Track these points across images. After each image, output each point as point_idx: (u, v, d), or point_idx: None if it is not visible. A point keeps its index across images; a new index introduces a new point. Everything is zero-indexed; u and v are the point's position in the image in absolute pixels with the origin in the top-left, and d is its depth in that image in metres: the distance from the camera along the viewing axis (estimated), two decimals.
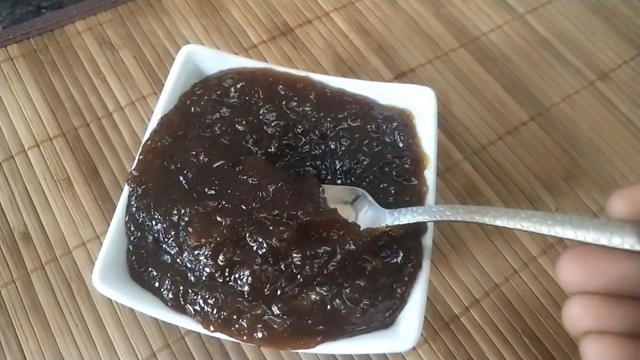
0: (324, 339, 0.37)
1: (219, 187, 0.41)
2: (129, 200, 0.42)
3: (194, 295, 0.38)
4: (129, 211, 0.41)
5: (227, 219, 0.39)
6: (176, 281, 0.39)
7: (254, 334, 0.37)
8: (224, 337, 0.38)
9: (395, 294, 0.39)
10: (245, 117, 0.46)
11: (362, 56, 0.62)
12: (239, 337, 0.37)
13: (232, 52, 0.60)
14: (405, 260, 0.40)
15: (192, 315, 0.38)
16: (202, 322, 0.38)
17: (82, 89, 0.58)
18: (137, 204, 0.41)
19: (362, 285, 0.38)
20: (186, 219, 0.39)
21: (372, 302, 0.38)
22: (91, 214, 0.51)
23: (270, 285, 0.37)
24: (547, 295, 0.49)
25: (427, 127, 0.46)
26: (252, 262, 0.37)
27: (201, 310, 0.38)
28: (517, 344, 0.47)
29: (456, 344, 0.47)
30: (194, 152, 0.43)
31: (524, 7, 0.67)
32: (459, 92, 0.61)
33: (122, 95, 0.58)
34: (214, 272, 0.38)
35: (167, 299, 0.39)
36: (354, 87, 0.48)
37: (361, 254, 0.39)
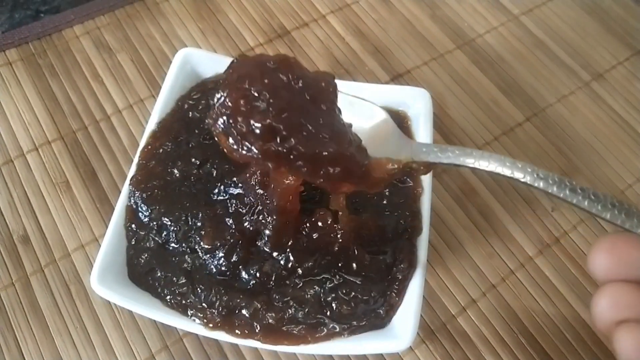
0: (319, 333, 0.38)
1: (224, 192, 0.42)
2: (132, 203, 0.42)
3: (199, 293, 0.39)
4: (130, 214, 0.42)
5: (236, 222, 0.40)
6: (181, 281, 0.40)
7: (254, 326, 0.38)
8: (222, 339, 0.39)
9: (389, 292, 0.39)
10: None
11: (358, 58, 0.63)
12: (240, 334, 0.38)
13: (229, 55, 0.61)
14: (398, 258, 0.40)
15: (194, 313, 0.39)
16: (204, 320, 0.38)
17: (80, 92, 0.58)
18: (144, 207, 0.42)
19: (353, 280, 0.39)
20: (198, 224, 0.41)
21: (363, 297, 0.38)
22: (90, 217, 0.51)
23: (273, 279, 0.39)
24: (543, 295, 0.50)
25: (423, 129, 0.46)
26: (259, 259, 0.40)
27: (203, 308, 0.39)
28: (514, 344, 0.47)
29: (453, 344, 0.47)
30: (198, 162, 0.44)
31: (519, 9, 0.68)
32: (455, 94, 0.61)
33: (120, 98, 0.58)
34: (226, 270, 0.39)
35: (169, 298, 0.39)
36: (350, 89, 0.48)
37: (352, 248, 0.39)
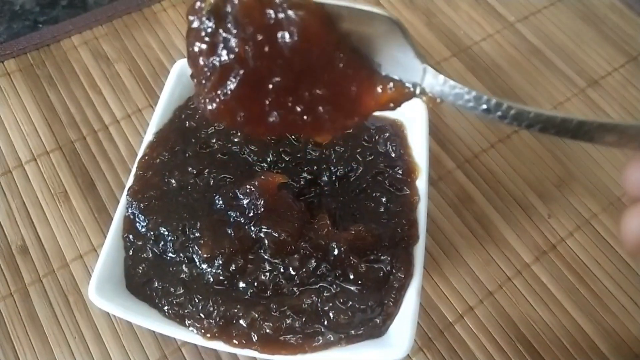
0: (316, 343, 0.38)
1: (222, 202, 0.42)
2: (130, 214, 0.42)
3: (196, 303, 0.39)
4: (128, 224, 0.42)
5: (235, 231, 0.41)
6: (179, 291, 0.40)
7: (252, 336, 0.38)
8: (220, 348, 0.39)
9: (386, 301, 0.39)
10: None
11: None
12: (237, 344, 0.38)
13: None
14: (395, 267, 0.40)
15: (191, 323, 0.39)
16: (201, 330, 0.38)
17: (78, 102, 0.58)
18: (141, 218, 0.42)
19: (350, 289, 0.40)
20: (196, 233, 0.41)
21: (361, 306, 0.39)
22: (88, 227, 0.51)
23: (270, 288, 0.39)
24: (540, 302, 0.50)
25: (419, 137, 0.47)
26: (256, 268, 0.40)
27: (201, 318, 0.39)
28: (511, 351, 0.47)
29: (451, 351, 0.47)
30: (195, 171, 0.44)
31: (514, 16, 0.68)
32: None
33: (118, 108, 0.58)
34: (223, 280, 0.40)
35: (167, 308, 0.40)
36: None
37: (348, 257, 0.40)
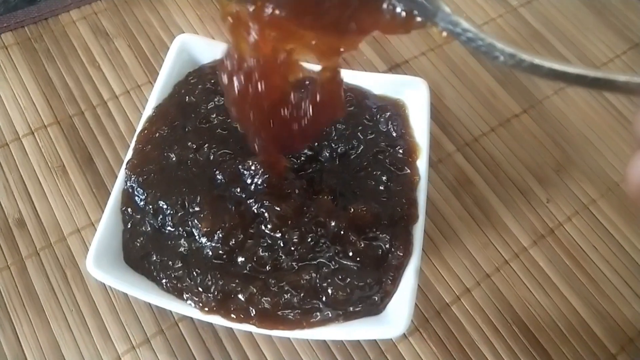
0: (314, 319, 0.38)
1: (222, 177, 0.42)
2: (129, 187, 0.42)
3: (194, 277, 0.39)
4: (127, 198, 0.42)
5: (235, 205, 0.41)
6: (177, 265, 0.40)
7: (249, 310, 0.38)
8: (218, 323, 0.39)
9: (384, 279, 0.39)
10: None
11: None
12: (235, 318, 0.38)
13: (227, 41, 0.60)
14: (394, 245, 0.40)
15: (189, 297, 0.39)
16: (199, 304, 0.38)
17: (76, 77, 0.58)
18: (140, 191, 0.42)
19: (349, 265, 0.40)
20: (196, 208, 0.41)
21: (359, 283, 0.39)
22: (85, 201, 0.51)
23: (269, 263, 0.40)
24: (537, 285, 0.50)
25: (420, 118, 0.46)
26: (256, 243, 0.40)
27: (199, 292, 0.39)
28: (507, 333, 0.48)
29: (447, 332, 0.47)
30: (194, 146, 0.44)
31: (517, 0, 0.68)
32: (452, 84, 0.61)
33: (117, 84, 0.58)
34: (223, 254, 0.40)
35: (165, 282, 0.39)
36: (348, 77, 0.48)
37: (348, 234, 0.40)
